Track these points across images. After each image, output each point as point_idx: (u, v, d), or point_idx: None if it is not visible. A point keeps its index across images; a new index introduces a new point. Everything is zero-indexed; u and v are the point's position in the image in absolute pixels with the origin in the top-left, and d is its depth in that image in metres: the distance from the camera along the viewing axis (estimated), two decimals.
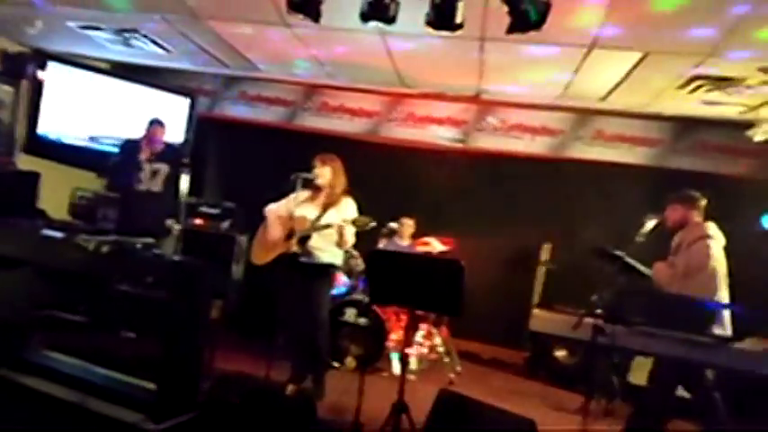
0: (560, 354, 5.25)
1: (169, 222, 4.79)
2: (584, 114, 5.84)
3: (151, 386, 3.12)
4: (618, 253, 3.84)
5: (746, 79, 4.09)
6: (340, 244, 3.84)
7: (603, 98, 5.09)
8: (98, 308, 3.46)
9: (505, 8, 3.14)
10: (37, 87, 5.50)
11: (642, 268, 3.93)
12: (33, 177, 4.85)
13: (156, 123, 4.86)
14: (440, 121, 6.19)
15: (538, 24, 3.15)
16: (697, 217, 3.55)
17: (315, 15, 3.58)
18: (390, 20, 3.41)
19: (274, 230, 3.99)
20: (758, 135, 4.66)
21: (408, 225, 5.52)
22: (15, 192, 4.65)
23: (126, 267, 3.32)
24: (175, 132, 5.79)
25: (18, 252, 3.57)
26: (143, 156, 4.81)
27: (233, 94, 6.61)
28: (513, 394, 4.70)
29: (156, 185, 4.85)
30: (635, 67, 4.20)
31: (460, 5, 3.10)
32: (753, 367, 2.69)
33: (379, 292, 3.26)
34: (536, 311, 5.32)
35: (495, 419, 2.76)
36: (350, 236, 3.79)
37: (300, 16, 3.54)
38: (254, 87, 6.54)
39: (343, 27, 4.16)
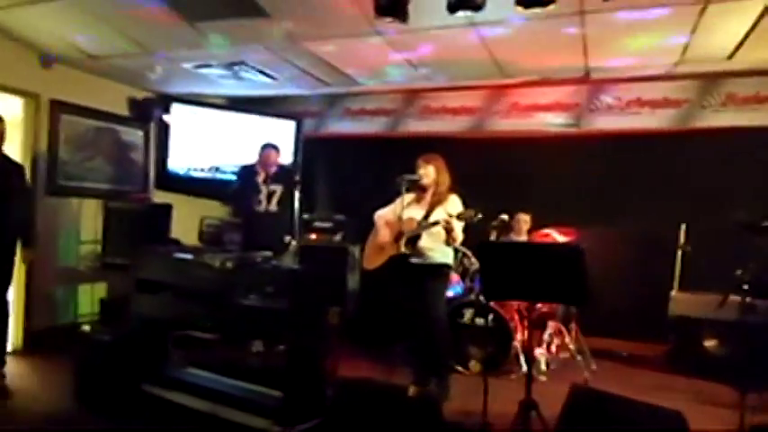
0: (710, 343, 4.68)
1: (287, 239, 5.01)
2: (710, 79, 5.27)
3: (278, 393, 3.23)
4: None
5: None
6: (449, 240, 3.76)
7: (730, 57, 4.54)
8: (227, 323, 3.66)
9: None
10: (164, 128, 6.03)
11: None
12: (167, 209, 5.31)
13: (269, 147, 5.13)
14: (547, 108, 5.91)
15: None
16: None
17: (403, 16, 3.57)
18: (478, 7, 3.32)
19: (383, 233, 4.01)
20: None
21: (524, 220, 5.30)
22: (153, 223, 5.12)
23: (248, 280, 3.48)
24: (285, 154, 6.06)
25: (157, 276, 3.89)
26: (260, 179, 5.09)
27: (337, 112, 6.81)
28: (656, 390, 4.27)
29: (273, 206, 5.11)
30: (761, 16, 3.71)
31: None
32: None
33: (492, 287, 3.13)
34: (675, 294, 4.77)
35: (637, 413, 2.49)
36: (458, 231, 3.70)
37: (389, 19, 3.54)
38: (356, 102, 6.69)
39: (432, 25, 4.11)
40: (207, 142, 6.27)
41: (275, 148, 5.16)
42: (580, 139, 5.75)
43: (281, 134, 6.29)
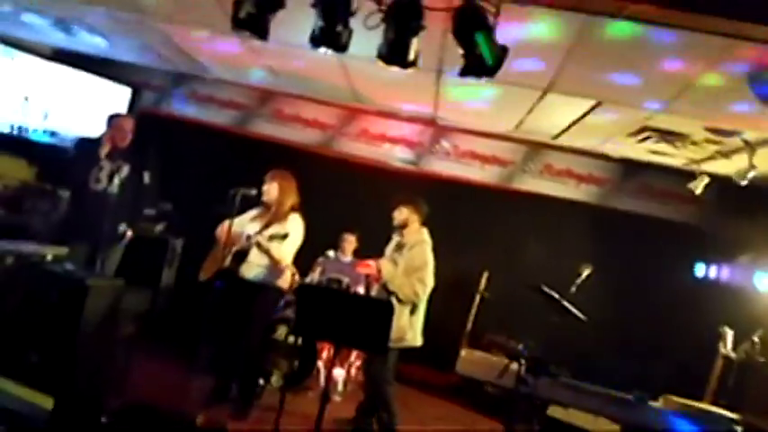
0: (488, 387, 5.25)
1: (122, 228, 4.46)
2: (535, 147, 5.89)
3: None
4: (555, 295, 3.87)
5: (692, 135, 4.17)
6: (272, 261, 3.73)
7: (555, 137, 5.13)
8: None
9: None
10: None
11: (577, 312, 3.98)
12: None
13: (121, 117, 4.56)
14: (394, 141, 6.14)
15: (493, 71, 3.01)
16: (417, 222, 4.00)
17: (262, 33, 3.39)
18: (342, 48, 3.25)
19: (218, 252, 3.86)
20: (699, 188, 4.77)
21: (350, 241, 5.43)
22: None
23: (29, 283, 3.06)
24: None
25: None
26: (103, 152, 4.38)
27: (182, 92, 6.37)
28: (438, 420, 4.69)
29: (114, 186, 4.37)
30: (587, 112, 4.23)
31: (414, 42, 2.97)
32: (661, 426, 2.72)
33: (305, 326, 3.16)
34: (464, 353, 5.18)
35: None
36: (278, 251, 3.68)
37: (246, 33, 3.38)
38: (205, 87, 6.31)
39: (297, 43, 4.02)
40: (15, 93, 5.37)
41: (130, 117, 4.55)
42: (416, 177, 6.04)
43: (112, 102, 5.67)
